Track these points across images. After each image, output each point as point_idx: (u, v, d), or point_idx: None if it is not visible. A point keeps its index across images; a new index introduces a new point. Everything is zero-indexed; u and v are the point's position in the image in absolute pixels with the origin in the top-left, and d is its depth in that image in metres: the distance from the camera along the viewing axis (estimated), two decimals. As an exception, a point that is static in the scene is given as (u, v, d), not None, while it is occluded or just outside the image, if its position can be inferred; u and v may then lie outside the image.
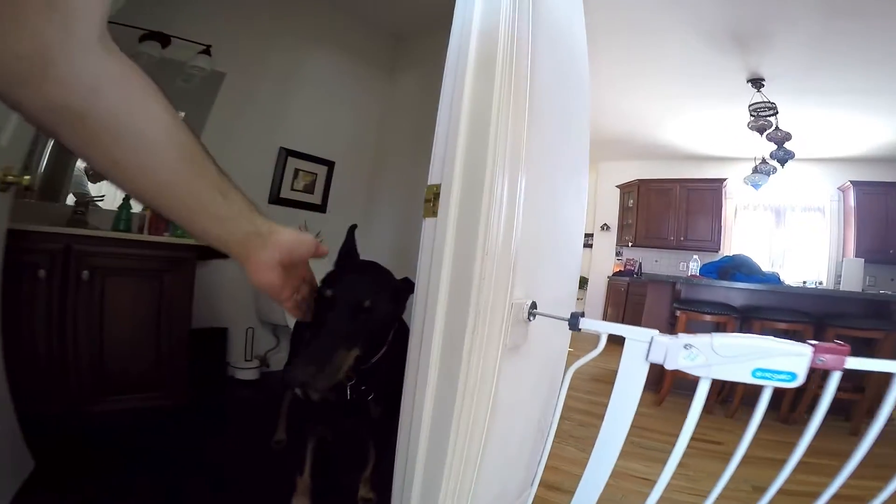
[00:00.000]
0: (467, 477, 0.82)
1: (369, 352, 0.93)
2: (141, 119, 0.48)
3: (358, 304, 0.85)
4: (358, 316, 0.84)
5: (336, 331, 0.80)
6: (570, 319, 0.72)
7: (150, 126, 0.49)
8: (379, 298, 0.88)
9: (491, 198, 0.74)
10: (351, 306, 0.84)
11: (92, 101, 0.44)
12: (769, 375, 0.62)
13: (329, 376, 0.72)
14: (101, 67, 0.44)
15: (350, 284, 0.89)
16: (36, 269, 1.63)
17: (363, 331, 0.85)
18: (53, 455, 1.49)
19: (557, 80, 1.06)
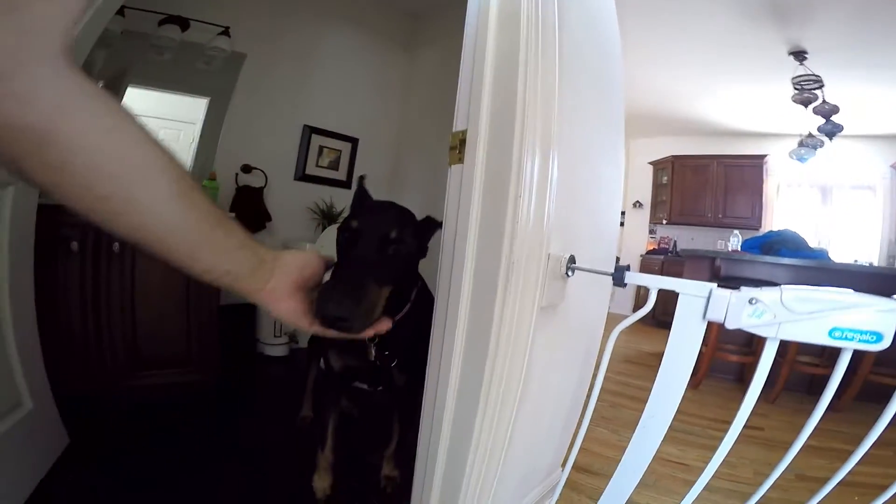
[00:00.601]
0: (495, 455, 0.77)
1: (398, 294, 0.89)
2: (120, 142, 0.41)
3: (385, 236, 0.80)
4: (386, 248, 0.80)
5: (366, 264, 0.75)
6: (614, 273, 0.65)
7: (133, 150, 0.42)
8: (405, 230, 0.83)
9: (522, 142, 0.67)
10: (378, 237, 0.79)
11: (58, 120, 0.38)
12: (850, 335, 0.54)
13: (366, 313, 0.67)
14: (66, 83, 0.38)
15: (374, 216, 0.85)
16: (69, 242, 1.65)
17: (392, 265, 0.80)
18: (88, 431, 1.52)
19: (588, 25, 0.97)
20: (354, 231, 0.80)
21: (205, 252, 0.51)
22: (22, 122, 0.36)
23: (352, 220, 0.82)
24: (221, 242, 0.52)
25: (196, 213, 0.48)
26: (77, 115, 0.39)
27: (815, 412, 0.62)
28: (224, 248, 0.52)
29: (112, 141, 0.41)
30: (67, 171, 0.39)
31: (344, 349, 1.18)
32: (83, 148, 0.39)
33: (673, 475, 1.64)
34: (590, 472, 1.61)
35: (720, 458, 0.68)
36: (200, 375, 1.99)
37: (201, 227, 0.49)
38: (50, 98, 0.37)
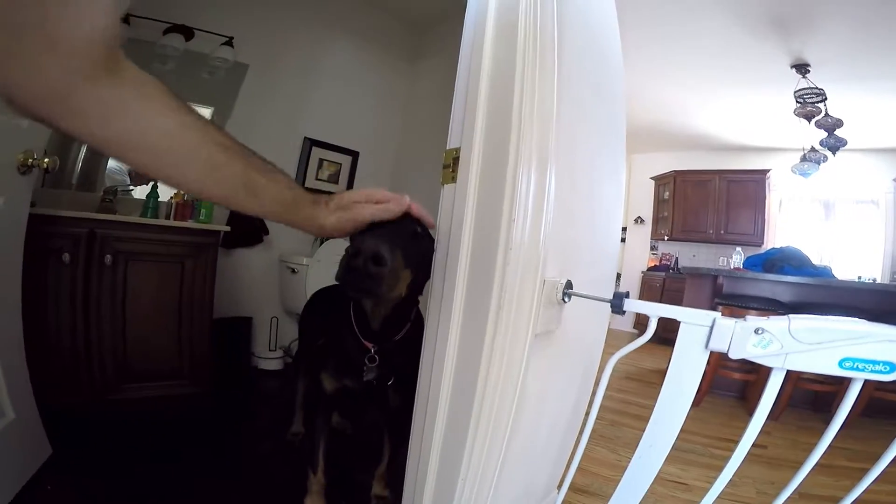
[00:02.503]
0: (487, 477, 0.74)
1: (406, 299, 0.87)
2: (152, 138, 0.53)
3: (410, 225, 0.80)
4: (411, 236, 0.79)
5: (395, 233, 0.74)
6: (612, 300, 0.62)
7: (162, 143, 0.54)
8: (425, 235, 0.82)
9: (517, 161, 0.65)
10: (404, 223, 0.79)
11: (106, 128, 0.50)
12: (861, 366, 0.51)
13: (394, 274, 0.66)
14: (108, 97, 0.48)
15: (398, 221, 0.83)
16: (60, 253, 1.64)
17: (415, 253, 0.78)
18: (72, 443, 1.49)
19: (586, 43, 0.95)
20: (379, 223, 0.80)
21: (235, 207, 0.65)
22: (86, 132, 0.49)
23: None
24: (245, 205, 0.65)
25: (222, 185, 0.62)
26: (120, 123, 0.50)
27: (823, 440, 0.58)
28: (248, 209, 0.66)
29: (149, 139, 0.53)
30: (127, 158, 0.54)
31: (339, 370, 1.14)
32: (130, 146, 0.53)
33: (673, 495, 1.60)
34: (588, 493, 1.57)
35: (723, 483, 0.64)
36: (192, 388, 1.96)
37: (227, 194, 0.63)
38: (98, 112, 0.48)
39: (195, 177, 0.59)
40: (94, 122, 0.48)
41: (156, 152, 0.55)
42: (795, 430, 2.44)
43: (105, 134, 0.50)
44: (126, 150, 0.53)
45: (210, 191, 0.62)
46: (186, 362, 1.94)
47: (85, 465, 1.41)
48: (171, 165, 0.57)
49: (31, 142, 1.26)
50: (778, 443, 2.19)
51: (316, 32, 2.98)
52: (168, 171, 0.57)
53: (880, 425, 2.46)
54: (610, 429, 2.21)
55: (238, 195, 0.63)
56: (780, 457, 1.98)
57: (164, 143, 0.54)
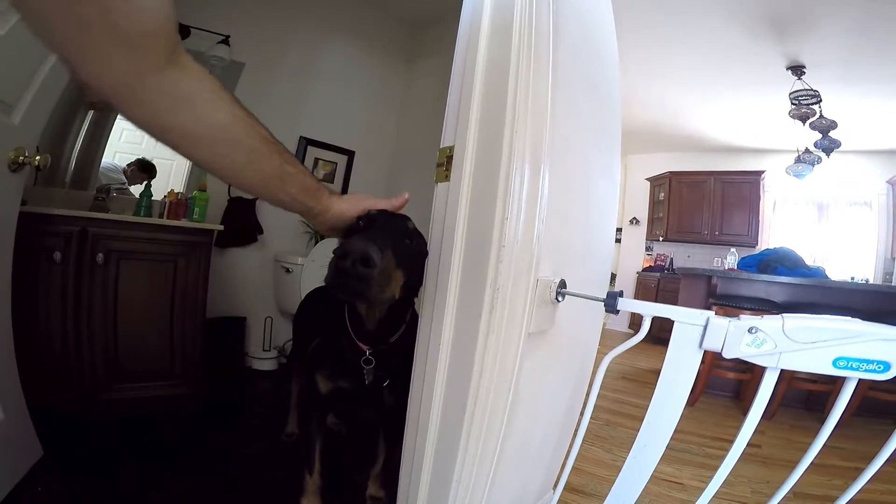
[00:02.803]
0: (481, 478, 0.73)
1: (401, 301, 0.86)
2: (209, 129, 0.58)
3: (402, 225, 0.79)
4: (403, 236, 0.78)
5: (385, 234, 0.73)
6: (606, 299, 0.62)
7: (217, 134, 0.59)
8: (419, 234, 0.81)
9: (511, 160, 0.64)
10: (395, 226, 0.78)
11: (171, 117, 0.54)
12: (855, 365, 0.51)
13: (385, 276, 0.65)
14: (173, 88, 0.52)
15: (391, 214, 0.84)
16: (52, 252, 1.62)
17: (407, 254, 0.77)
18: (63, 443, 1.47)
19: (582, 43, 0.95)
20: (371, 217, 0.80)
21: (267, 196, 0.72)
22: (151, 120, 0.53)
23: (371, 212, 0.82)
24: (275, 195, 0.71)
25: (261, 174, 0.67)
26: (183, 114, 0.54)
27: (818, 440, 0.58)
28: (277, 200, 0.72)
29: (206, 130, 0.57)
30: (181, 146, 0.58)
31: (334, 371, 1.13)
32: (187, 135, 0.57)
33: (668, 494, 1.60)
34: (583, 493, 1.57)
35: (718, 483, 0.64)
36: (185, 389, 1.94)
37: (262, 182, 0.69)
38: (164, 103, 0.52)
39: (240, 166, 0.64)
40: (162, 111, 0.52)
41: (211, 142, 0.59)
42: (789, 429, 2.45)
43: (169, 123, 0.54)
44: (184, 140, 0.57)
45: (249, 177, 0.66)
46: (179, 362, 1.92)
47: (76, 465, 1.40)
48: (223, 154, 0.61)
49: (23, 139, 1.24)
50: (772, 442, 2.20)
51: (312, 31, 2.97)
52: (218, 159, 0.62)
53: (874, 425, 2.48)
54: (605, 429, 2.21)
55: (273, 182, 0.69)
56: (774, 456, 1.99)
57: (220, 133, 0.59)
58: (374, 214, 0.80)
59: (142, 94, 0.50)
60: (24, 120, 1.25)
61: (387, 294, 0.69)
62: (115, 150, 2.33)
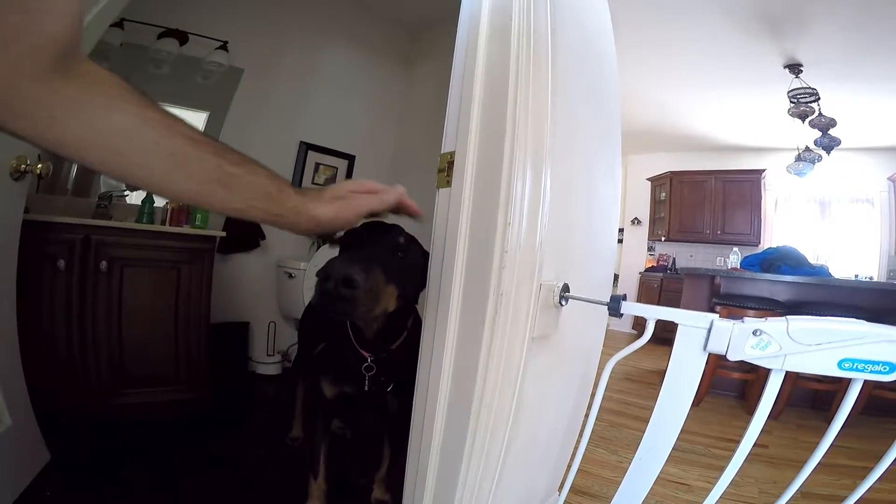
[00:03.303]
0: (486, 482, 0.73)
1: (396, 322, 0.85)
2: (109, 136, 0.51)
3: (393, 240, 0.78)
4: (394, 252, 0.77)
5: (373, 253, 0.71)
6: (609, 303, 0.62)
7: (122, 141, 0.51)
8: (411, 242, 0.80)
9: (512, 165, 0.65)
10: (385, 240, 0.77)
11: (56, 129, 0.47)
12: (861, 367, 0.51)
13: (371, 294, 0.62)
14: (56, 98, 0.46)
15: (380, 225, 0.82)
16: (55, 259, 1.63)
17: (399, 268, 0.75)
18: (70, 448, 1.48)
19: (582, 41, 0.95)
20: (359, 233, 0.78)
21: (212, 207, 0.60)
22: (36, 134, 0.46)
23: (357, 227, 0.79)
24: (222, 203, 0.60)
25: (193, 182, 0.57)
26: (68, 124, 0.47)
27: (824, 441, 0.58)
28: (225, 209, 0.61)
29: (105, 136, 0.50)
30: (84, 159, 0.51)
31: (337, 377, 1.13)
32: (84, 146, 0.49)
33: (675, 496, 1.60)
34: (589, 495, 1.56)
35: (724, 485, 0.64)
36: (190, 394, 1.95)
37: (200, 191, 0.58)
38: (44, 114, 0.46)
39: (161, 173, 0.55)
40: (42, 123, 0.46)
41: (116, 150, 0.51)
42: (796, 429, 2.44)
43: (54, 134, 0.47)
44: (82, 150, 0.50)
45: (179, 187, 0.56)
46: (184, 367, 1.92)
47: (83, 470, 1.40)
48: (135, 164, 0.53)
49: (25, 147, 1.25)
50: (779, 442, 2.19)
51: (311, 36, 2.98)
52: (132, 169, 0.54)
53: (880, 423, 2.46)
54: (610, 430, 2.21)
55: (213, 190, 0.58)
56: (781, 456, 1.98)
57: (124, 140, 0.52)
58: (359, 230, 0.78)
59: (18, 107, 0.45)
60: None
61: (376, 311, 0.68)
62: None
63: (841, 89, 3.64)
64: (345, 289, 0.59)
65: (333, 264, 0.60)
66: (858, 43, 3.00)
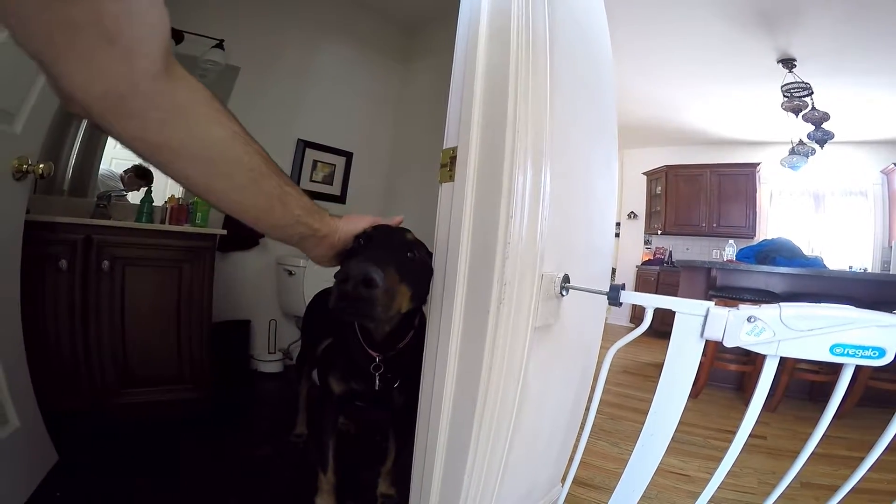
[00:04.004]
0: (492, 472, 0.75)
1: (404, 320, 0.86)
2: (207, 146, 0.53)
3: (402, 241, 0.79)
4: (405, 251, 0.77)
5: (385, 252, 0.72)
6: (609, 292, 0.64)
7: (216, 152, 0.54)
8: (420, 244, 0.81)
9: (513, 160, 0.66)
10: (395, 241, 0.78)
11: (164, 133, 0.48)
12: (852, 352, 0.53)
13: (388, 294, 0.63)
14: (168, 100, 0.47)
15: (389, 228, 0.83)
16: (57, 260, 1.63)
17: (409, 267, 0.76)
18: (77, 448, 1.49)
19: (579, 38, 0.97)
20: (370, 236, 0.79)
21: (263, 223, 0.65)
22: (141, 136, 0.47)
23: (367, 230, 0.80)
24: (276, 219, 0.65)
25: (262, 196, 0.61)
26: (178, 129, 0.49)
27: (819, 426, 0.60)
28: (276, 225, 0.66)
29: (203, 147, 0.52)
30: (172, 166, 0.52)
31: (346, 374, 1.15)
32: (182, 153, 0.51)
33: (675, 486, 1.62)
34: (591, 487, 1.58)
35: (723, 473, 0.66)
36: (193, 392, 1.95)
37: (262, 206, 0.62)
38: (157, 116, 0.46)
39: (240, 187, 0.58)
40: (153, 125, 0.46)
41: (209, 160, 0.53)
42: (793, 420, 2.47)
43: (161, 139, 0.48)
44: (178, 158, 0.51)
45: (253, 200, 0.61)
46: (187, 366, 1.93)
47: (91, 471, 1.41)
48: (221, 174, 0.55)
49: (25, 147, 1.25)
50: (777, 433, 2.22)
51: (307, 34, 2.97)
52: (216, 180, 0.56)
53: (878, 414, 2.48)
54: (610, 422, 2.23)
55: (273, 205, 0.63)
56: (779, 447, 2.01)
57: (217, 151, 0.53)
58: (371, 232, 0.79)
59: (133, 105, 0.44)
60: (25, 128, 1.26)
61: (393, 310, 0.69)
62: (112, 156, 2.34)
63: (834, 83, 3.66)
64: (364, 289, 0.59)
65: (352, 265, 0.61)
66: (851, 37, 3.02)
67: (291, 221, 0.66)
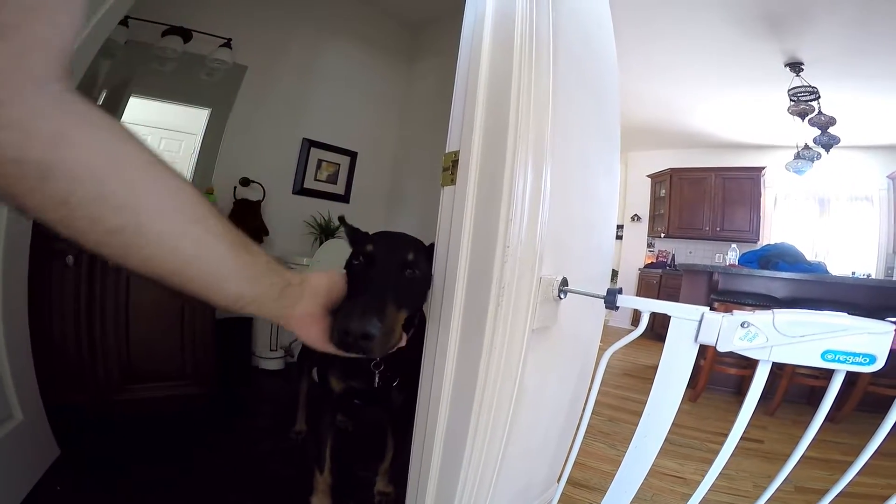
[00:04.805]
0: (487, 471, 0.76)
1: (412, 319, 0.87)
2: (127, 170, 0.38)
3: (402, 259, 0.78)
4: (403, 272, 0.78)
5: (385, 286, 0.72)
6: (606, 296, 0.65)
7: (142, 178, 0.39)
8: (419, 255, 0.81)
9: (514, 165, 0.68)
10: (395, 261, 0.78)
11: (59, 150, 0.35)
12: (843, 358, 0.54)
13: (387, 334, 0.64)
14: (66, 109, 0.36)
15: (390, 241, 0.83)
16: (64, 255, 1.65)
17: (409, 289, 0.77)
18: (79, 443, 1.50)
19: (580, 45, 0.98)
20: (370, 255, 0.78)
21: (229, 281, 0.47)
22: (22, 155, 0.34)
23: (367, 245, 0.80)
24: (245, 269, 0.48)
25: (214, 240, 0.45)
26: (80, 144, 0.36)
27: (809, 430, 0.61)
28: (248, 276, 0.49)
29: (118, 169, 0.38)
30: (72, 205, 0.36)
31: (346, 372, 1.15)
32: (88, 179, 0.36)
33: (671, 489, 1.62)
34: (587, 488, 1.59)
35: (715, 473, 0.67)
36: (196, 388, 1.97)
37: (224, 255, 0.46)
38: (50, 127, 0.35)
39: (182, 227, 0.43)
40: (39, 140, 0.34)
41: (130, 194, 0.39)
42: (791, 425, 2.47)
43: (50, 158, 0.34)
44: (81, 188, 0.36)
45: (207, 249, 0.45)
46: (190, 363, 1.95)
47: (91, 465, 1.42)
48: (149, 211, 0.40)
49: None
50: (774, 437, 2.22)
51: (313, 34, 3.00)
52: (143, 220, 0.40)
53: (875, 420, 2.48)
54: (608, 424, 2.24)
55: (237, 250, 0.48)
56: (775, 451, 2.01)
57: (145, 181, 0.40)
58: (371, 251, 0.78)
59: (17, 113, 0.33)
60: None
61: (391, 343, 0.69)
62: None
63: (841, 87, 3.65)
64: (363, 341, 0.60)
65: (351, 319, 0.60)
66: (859, 41, 3.01)
67: (263, 270, 0.51)
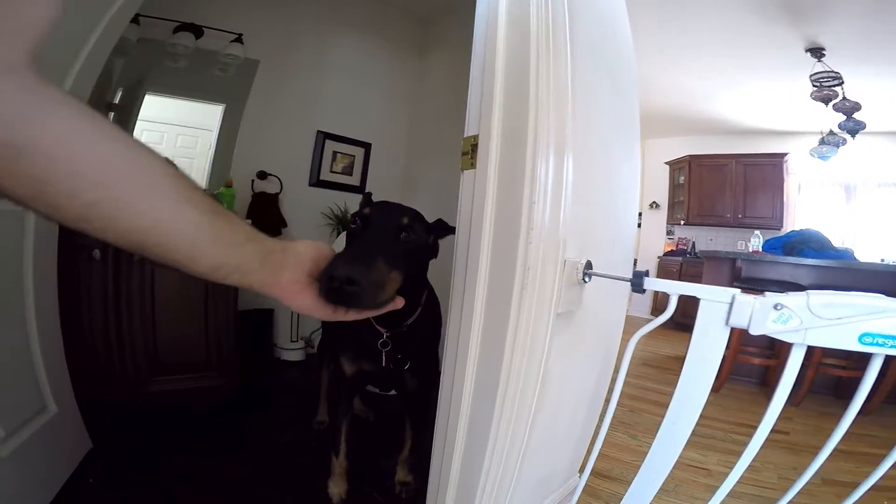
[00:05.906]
0: (511, 459, 0.76)
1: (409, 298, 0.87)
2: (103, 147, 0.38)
3: (397, 222, 0.80)
4: (397, 234, 0.79)
5: (376, 243, 0.73)
6: (632, 279, 0.63)
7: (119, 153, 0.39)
8: (415, 220, 0.82)
9: (536, 146, 0.66)
10: (389, 223, 0.79)
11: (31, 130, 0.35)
12: (881, 341, 0.51)
13: (376, 285, 0.64)
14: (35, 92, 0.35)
15: (387, 205, 0.86)
16: (91, 250, 1.69)
17: (403, 251, 0.78)
18: (110, 435, 1.54)
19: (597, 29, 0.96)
20: (366, 217, 0.81)
21: (208, 248, 0.47)
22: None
23: (364, 208, 0.83)
24: (225, 237, 0.48)
25: (194, 209, 0.45)
26: (53, 124, 0.36)
27: (844, 420, 0.59)
28: (228, 242, 0.48)
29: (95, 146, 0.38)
30: (49, 181, 0.36)
31: (357, 354, 1.17)
32: (64, 155, 0.36)
33: (695, 480, 1.61)
34: (609, 478, 1.58)
35: (744, 465, 0.65)
36: (220, 380, 2.00)
37: (201, 222, 0.45)
38: (18, 109, 0.34)
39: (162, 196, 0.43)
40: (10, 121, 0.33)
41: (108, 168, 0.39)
42: (817, 416, 2.42)
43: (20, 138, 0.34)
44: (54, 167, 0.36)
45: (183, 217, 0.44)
46: (214, 354, 1.98)
47: (122, 458, 1.46)
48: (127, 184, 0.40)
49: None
50: (800, 429, 2.18)
51: (324, 27, 3.00)
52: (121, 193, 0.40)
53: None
54: (629, 414, 2.22)
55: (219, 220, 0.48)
56: (802, 442, 1.97)
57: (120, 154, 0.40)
58: (367, 213, 0.81)
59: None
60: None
61: (381, 298, 0.69)
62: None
63: (865, 73, 3.52)
64: (349, 286, 0.60)
65: (336, 265, 0.60)
66: (882, 25, 2.91)
67: (244, 238, 0.51)
